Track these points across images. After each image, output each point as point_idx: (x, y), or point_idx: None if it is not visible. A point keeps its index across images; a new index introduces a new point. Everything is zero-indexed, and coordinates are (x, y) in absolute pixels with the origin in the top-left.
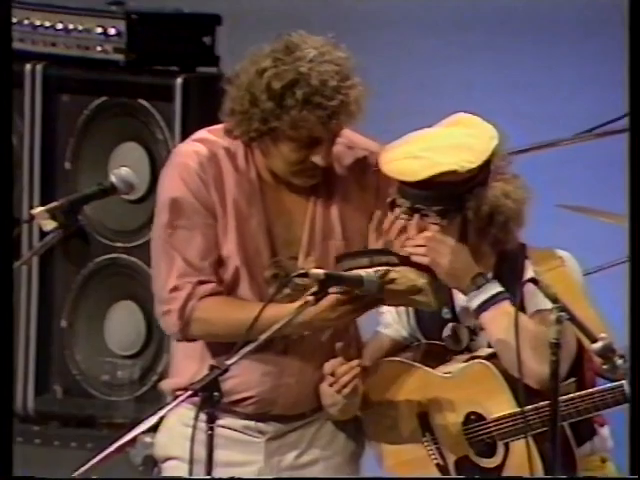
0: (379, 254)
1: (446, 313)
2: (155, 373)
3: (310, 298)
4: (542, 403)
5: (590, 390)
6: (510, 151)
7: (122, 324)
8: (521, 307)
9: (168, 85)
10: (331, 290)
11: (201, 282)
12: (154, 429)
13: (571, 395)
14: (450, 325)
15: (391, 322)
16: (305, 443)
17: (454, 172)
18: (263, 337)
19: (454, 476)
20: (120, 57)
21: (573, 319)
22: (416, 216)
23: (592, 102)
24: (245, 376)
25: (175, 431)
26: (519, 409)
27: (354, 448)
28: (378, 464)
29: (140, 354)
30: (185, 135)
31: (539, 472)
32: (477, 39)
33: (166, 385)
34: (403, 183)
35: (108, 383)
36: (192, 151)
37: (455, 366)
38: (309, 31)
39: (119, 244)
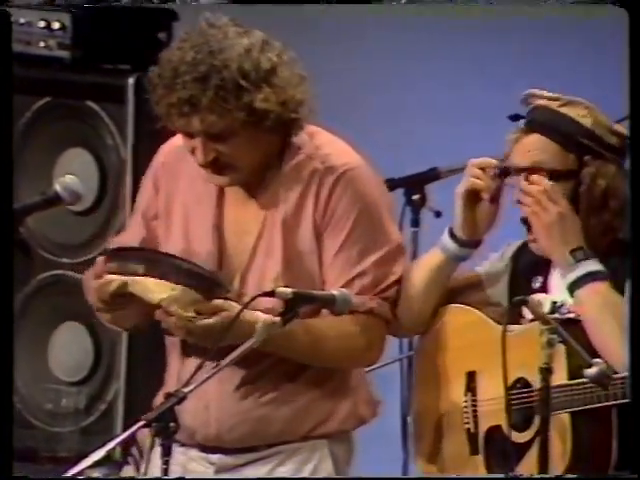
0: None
1: (537, 282)
2: (103, 402)
3: (277, 319)
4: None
5: (583, 379)
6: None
7: (67, 347)
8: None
9: (119, 85)
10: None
11: None
12: (102, 463)
13: (565, 382)
14: (535, 295)
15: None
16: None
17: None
18: (225, 362)
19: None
20: (65, 54)
21: (566, 341)
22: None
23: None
24: None
25: None
26: (565, 382)
27: None
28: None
29: (87, 381)
30: (137, 140)
31: (567, 454)
32: (465, 39)
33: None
34: None
35: (51, 412)
36: (169, 143)
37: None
38: (278, 27)
39: (64, 259)
